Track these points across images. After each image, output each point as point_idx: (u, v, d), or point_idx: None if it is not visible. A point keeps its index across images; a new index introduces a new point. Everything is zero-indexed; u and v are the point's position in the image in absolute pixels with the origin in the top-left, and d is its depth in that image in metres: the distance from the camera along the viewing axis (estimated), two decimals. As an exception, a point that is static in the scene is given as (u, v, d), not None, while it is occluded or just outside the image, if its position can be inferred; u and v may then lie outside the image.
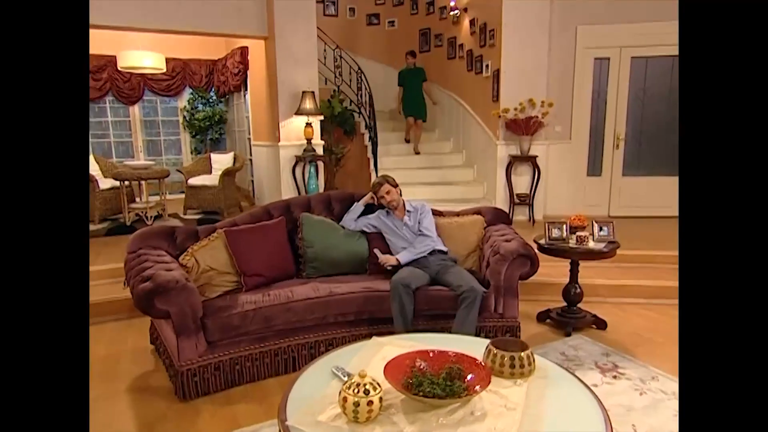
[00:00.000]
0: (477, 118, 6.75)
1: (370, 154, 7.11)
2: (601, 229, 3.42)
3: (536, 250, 3.27)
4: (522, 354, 1.90)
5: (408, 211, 3.41)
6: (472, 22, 6.73)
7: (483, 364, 1.84)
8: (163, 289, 2.47)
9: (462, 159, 7.38)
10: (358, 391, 1.58)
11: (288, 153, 6.02)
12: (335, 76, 7.51)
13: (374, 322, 3.01)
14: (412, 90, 7.18)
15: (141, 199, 5.93)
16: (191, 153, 7.99)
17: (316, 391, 1.78)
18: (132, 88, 7.40)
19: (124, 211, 5.61)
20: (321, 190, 6.08)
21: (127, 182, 5.74)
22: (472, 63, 6.81)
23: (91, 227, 5.45)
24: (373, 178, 6.92)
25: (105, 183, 5.80)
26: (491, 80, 6.18)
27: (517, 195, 5.87)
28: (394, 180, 3.50)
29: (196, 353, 2.58)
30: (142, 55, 6.37)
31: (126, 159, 7.34)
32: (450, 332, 2.88)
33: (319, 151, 6.11)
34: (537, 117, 5.62)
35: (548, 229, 3.40)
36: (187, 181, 6.35)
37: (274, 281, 3.14)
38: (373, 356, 2.04)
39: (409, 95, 7.21)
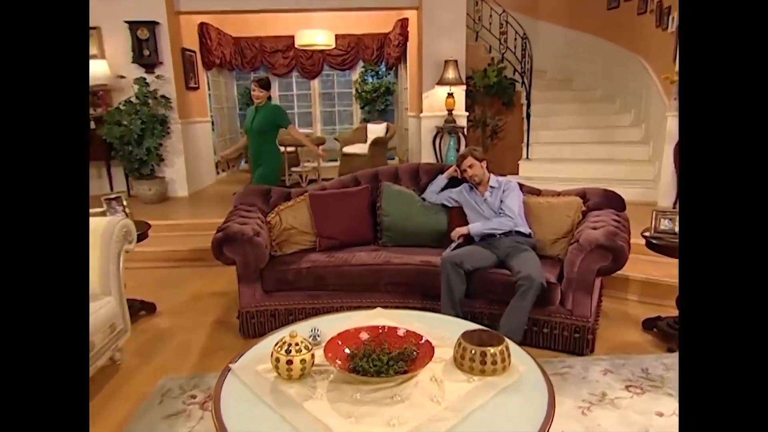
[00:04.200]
0: (658, 86, 5.71)
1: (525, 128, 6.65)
2: (737, 225, 2.65)
3: (631, 245, 2.74)
4: (492, 350, 1.69)
5: (491, 186, 3.17)
6: (664, -35, 5.64)
7: (432, 347, 1.70)
8: (231, 240, 2.85)
9: (640, 134, 6.36)
10: (281, 350, 1.63)
11: (429, 124, 6.05)
12: (500, 43, 7.14)
13: (427, 296, 2.93)
14: (255, 145, 4.24)
15: (302, 164, 6.68)
16: (360, 123, 8.59)
17: (280, 346, 1.89)
18: (313, 63, 8.27)
19: (285, 173, 6.43)
20: (459, 162, 5.96)
21: (291, 148, 6.54)
22: (660, 16, 5.73)
23: (272, 186, 6.40)
24: (524, 153, 6.50)
25: (275, 148, 6.69)
26: (675, 36, 5.13)
27: (687, 178, 4.82)
28: (480, 153, 3.27)
29: (254, 300, 2.93)
30: (315, 33, 7.05)
31: (305, 129, 8.30)
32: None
33: (461, 122, 5.97)
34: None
35: (656, 220, 2.79)
36: (341, 149, 6.91)
37: (349, 245, 3.28)
38: (358, 324, 2.04)
39: (252, 155, 4.34)
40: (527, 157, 6.32)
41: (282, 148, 6.58)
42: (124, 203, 3.23)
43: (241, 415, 1.50)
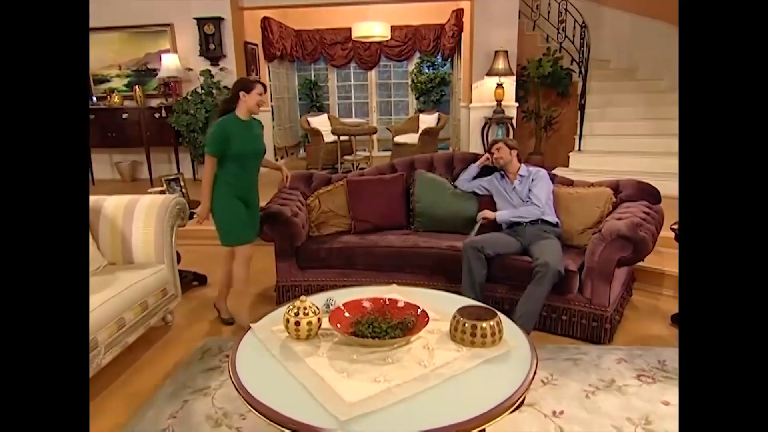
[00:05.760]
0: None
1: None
2: None
3: (664, 239, 2.72)
4: (483, 324, 1.81)
5: (521, 175, 3.24)
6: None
7: (427, 317, 1.85)
8: (270, 219, 3.12)
9: (706, 126, 6.02)
10: (291, 312, 1.85)
11: (478, 114, 6.08)
12: (557, 33, 6.99)
13: (451, 279, 3.05)
14: (253, 175, 2.99)
15: (354, 152, 6.92)
16: (415, 113, 8.71)
17: (297, 311, 2.10)
18: (370, 55, 8.47)
19: (338, 161, 6.70)
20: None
21: (345, 137, 6.80)
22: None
23: (314, 172, 6.71)
24: (576, 145, 6.36)
25: (329, 137, 6.98)
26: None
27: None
28: (513, 143, 3.34)
29: (290, 274, 3.19)
30: (372, 25, 7.22)
31: (361, 118, 8.55)
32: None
33: (510, 113, 5.95)
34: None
35: (684, 212, 2.74)
36: (393, 138, 7.08)
37: (382, 229, 3.46)
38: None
39: (243, 183, 2.91)
40: (579, 149, 6.18)
41: (334, 137, 6.88)
42: (182, 183, 3.60)
43: (251, 364, 1.73)
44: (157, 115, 6.17)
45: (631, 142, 6.10)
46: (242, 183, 2.87)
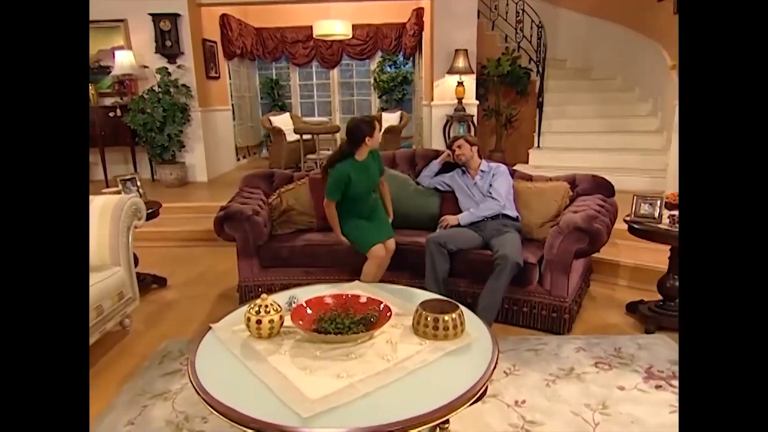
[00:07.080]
0: (672, 74, 5.64)
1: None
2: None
3: (618, 231, 2.82)
4: (445, 317, 1.83)
5: (482, 170, 3.29)
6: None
7: (390, 311, 1.86)
8: (230, 218, 3.07)
9: (657, 123, 6.29)
10: (252, 311, 1.82)
11: (440, 112, 6.14)
12: (515, 32, 7.14)
13: (415, 274, 3.08)
14: (366, 201, 3.06)
15: (318, 152, 6.87)
16: (377, 112, 8.72)
17: (259, 310, 2.07)
18: (332, 53, 8.44)
19: (301, 160, 6.64)
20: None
21: (308, 136, 6.74)
22: (679, 3, 5.65)
23: (275, 170, 6.62)
24: (535, 142, 6.52)
25: (291, 136, 6.91)
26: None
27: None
28: (474, 139, 3.39)
29: (252, 274, 3.14)
30: (333, 24, 7.19)
31: (324, 117, 8.50)
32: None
33: (471, 110, 6.04)
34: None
35: (636, 204, 2.85)
36: (356, 137, 7.06)
37: (345, 226, 3.45)
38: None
39: (362, 210, 3.06)
40: (538, 146, 6.34)
41: (297, 136, 6.82)
42: (138, 183, 3.49)
43: (212, 365, 1.69)
44: (111, 114, 5.96)
45: (588, 139, 6.29)
46: (361, 210, 3.08)
